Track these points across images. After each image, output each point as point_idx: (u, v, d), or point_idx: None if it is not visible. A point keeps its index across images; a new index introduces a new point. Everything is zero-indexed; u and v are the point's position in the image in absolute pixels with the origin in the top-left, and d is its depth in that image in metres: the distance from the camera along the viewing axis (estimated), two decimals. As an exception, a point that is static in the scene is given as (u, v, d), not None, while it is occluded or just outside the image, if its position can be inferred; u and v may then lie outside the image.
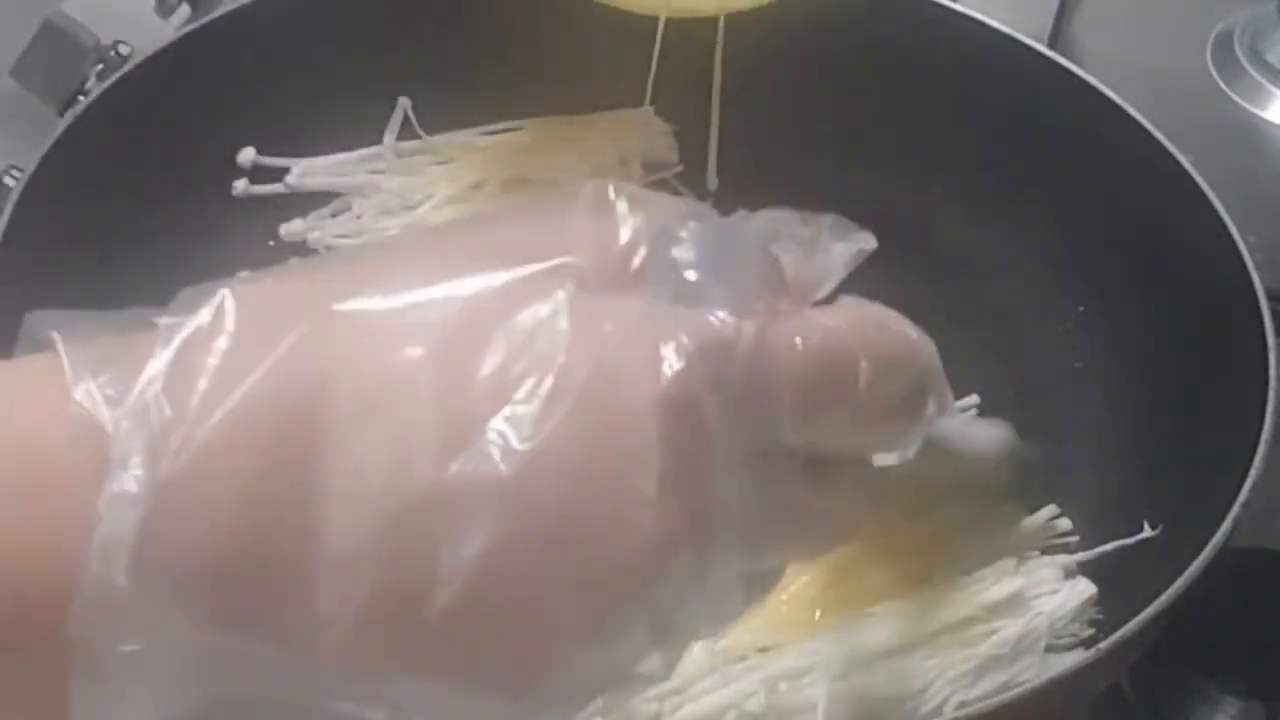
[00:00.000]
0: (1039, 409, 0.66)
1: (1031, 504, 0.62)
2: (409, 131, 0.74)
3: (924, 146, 0.74)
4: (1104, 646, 0.51)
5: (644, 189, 0.34)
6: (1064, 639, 0.58)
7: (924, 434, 0.37)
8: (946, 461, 0.58)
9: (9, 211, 0.61)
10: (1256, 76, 0.85)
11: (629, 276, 0.31)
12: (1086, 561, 0.60)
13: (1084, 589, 0.58)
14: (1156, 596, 0.51)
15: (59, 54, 0.76)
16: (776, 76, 0.73)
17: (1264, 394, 0.57)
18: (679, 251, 0.31)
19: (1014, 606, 0.58)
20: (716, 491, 0.29)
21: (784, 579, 0.57)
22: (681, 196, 0.36)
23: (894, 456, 0.39)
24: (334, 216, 0.72)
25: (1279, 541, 0.64)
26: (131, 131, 0.68)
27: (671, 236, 0.32)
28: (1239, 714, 0.62)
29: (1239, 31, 0.87)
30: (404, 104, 0.73)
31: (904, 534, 0.60)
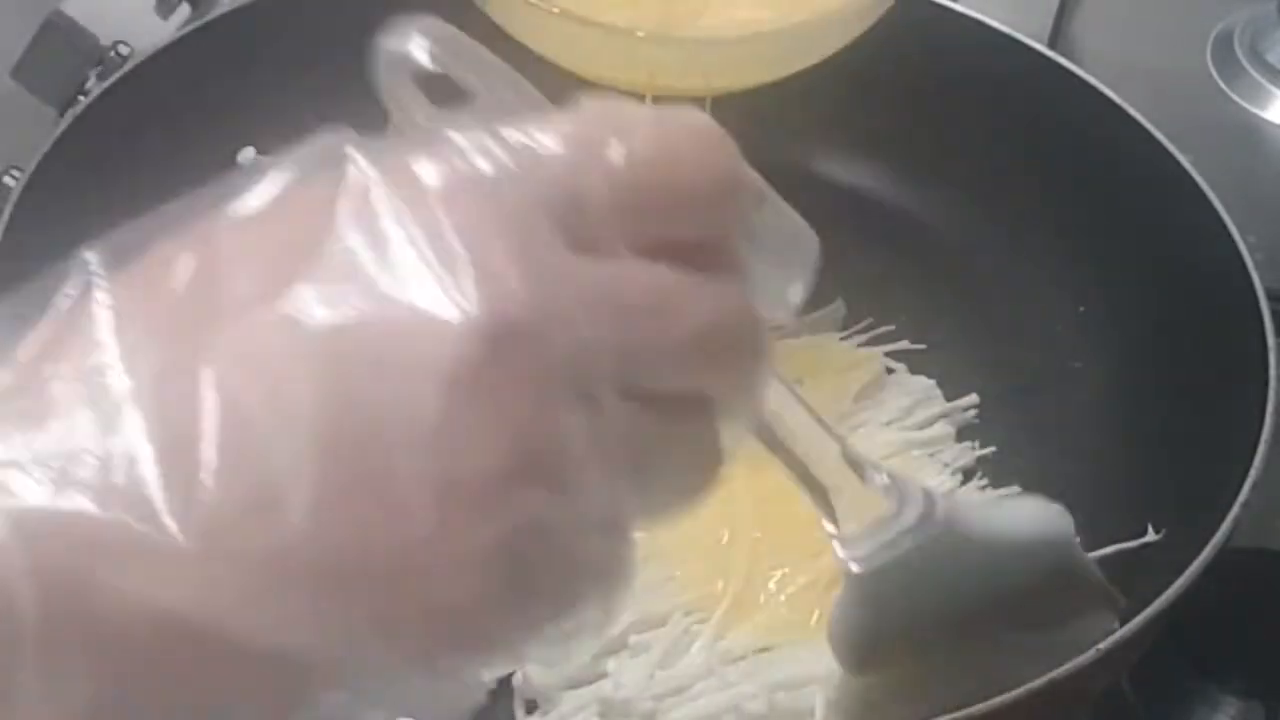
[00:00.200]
0: (1039, 409, 0.66)
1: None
2: (409, 132, 0.74)
3: (923, 146, 0.74)
4: (1104, 646, 0.51)
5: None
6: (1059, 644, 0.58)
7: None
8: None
9: (9, 211, 0.61)
10: (1256, 76, 0.85)
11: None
12: (1086, 561, 0.60)
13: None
14: (1156, 597, 0.51)
15: (59, 54, 0.76)
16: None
17: (1264, 394, 0.57)
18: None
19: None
20: (547, 426, 0.28)
21: (783, 580, 0.57)
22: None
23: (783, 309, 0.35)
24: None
25: (1279, 541, 0.64)
26: (131, 131, 0.68)
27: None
28: (1239, 714, 0.62)
29: (1239, 31, 0.87)
30: (404, 104, 0.73)
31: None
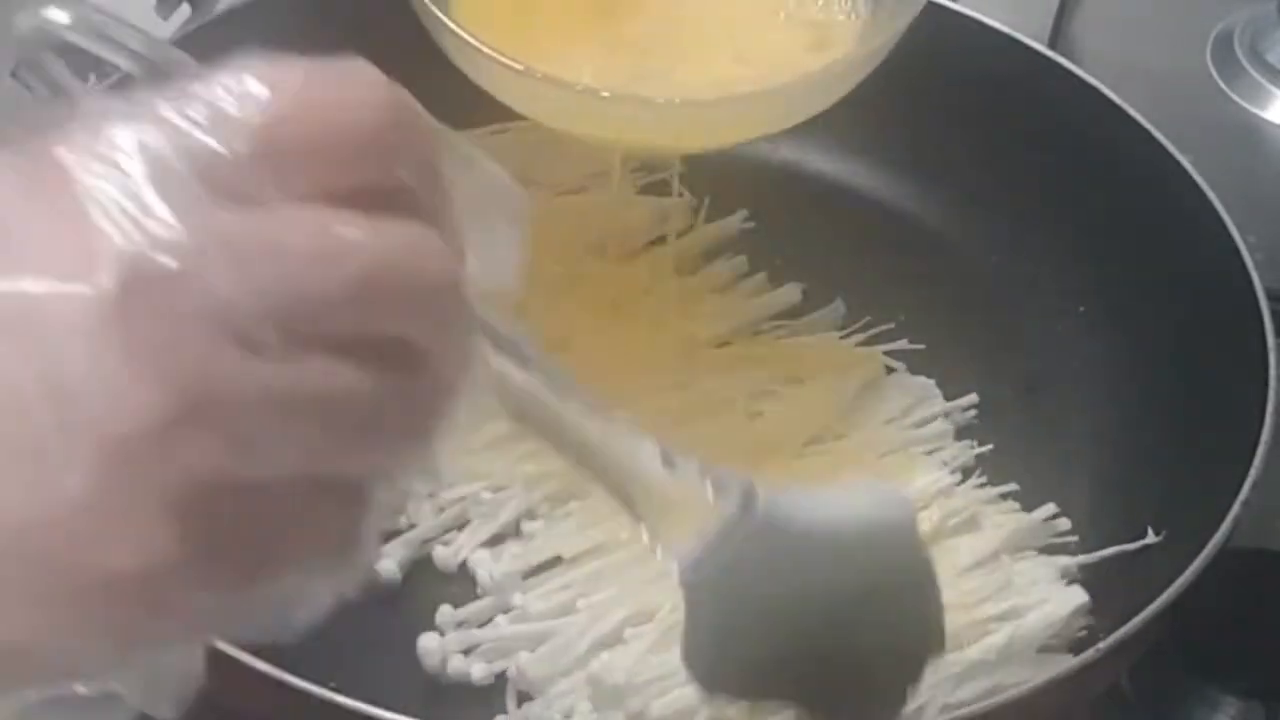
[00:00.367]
0: (1039, 409, 0.66)
1: (1030, 503, 0.62)
2: (409, 132, 0.74)
3: (923, 146, 0.74)
4: (1103, 647, 0.51)
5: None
6: (1054, 645, 0.58)
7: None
8: None
9: (9, 212, 0.61)
10: (1256, 76, 0.85)
11: None
12: (1085, 562, 0.60)
13: (1075, 597, 0.58)
14: (1156, 596, 0.51)
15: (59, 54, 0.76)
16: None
17: (1264, 394, 0.58)
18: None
19: (1003, 611, 0.58)
20: (205, 374, 0.27)
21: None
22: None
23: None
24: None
25: (1279, 541, 0.64)
26: (131, 131, 0.68)
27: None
28: (1239, 714, 0.62)
29: (1239, 31, 0.87)
30: (404, 104, 0.73)
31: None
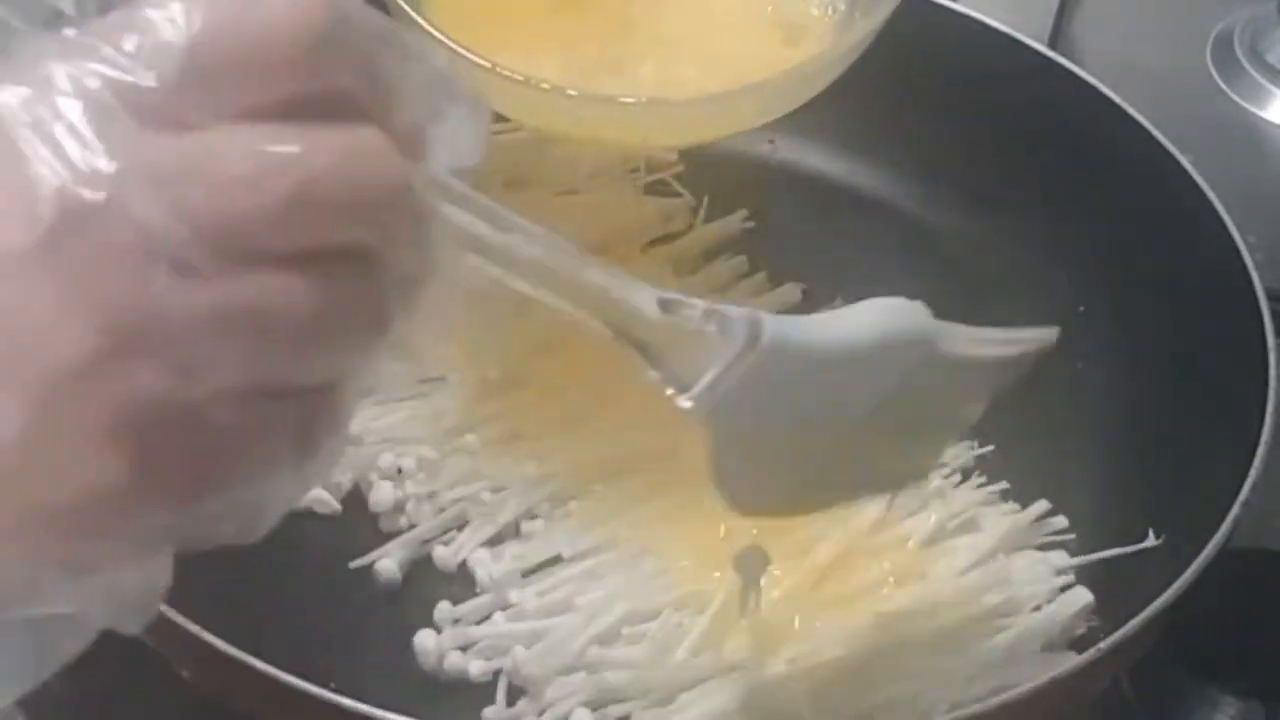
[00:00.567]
0: (1039, 409, 0.66)
1: (1030, 504, 0.62)
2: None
3: (923, 146, 0.74)
4: (1103, 647, 0.51)
5: None
6: (1056, 645, 0.58)
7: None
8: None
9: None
10: (1256, 76, 0.85)
11: None
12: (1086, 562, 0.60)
13: (1079, 597, 0.58)
14: (1156, 596, 0.51)
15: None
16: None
17: (1264, 394, 0.57)
18: None
19: (1007, 611, 0.58)
20: (138, 299, 0.28)
21: (768, 584, 0.57)
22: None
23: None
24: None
25: (1279, 541, 0.64)
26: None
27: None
28: (1239, 714, 0.62)
29: (1239, 31, 0.87)
30: (404, 104, 0.73)
31: (891, 533, 0.60)
